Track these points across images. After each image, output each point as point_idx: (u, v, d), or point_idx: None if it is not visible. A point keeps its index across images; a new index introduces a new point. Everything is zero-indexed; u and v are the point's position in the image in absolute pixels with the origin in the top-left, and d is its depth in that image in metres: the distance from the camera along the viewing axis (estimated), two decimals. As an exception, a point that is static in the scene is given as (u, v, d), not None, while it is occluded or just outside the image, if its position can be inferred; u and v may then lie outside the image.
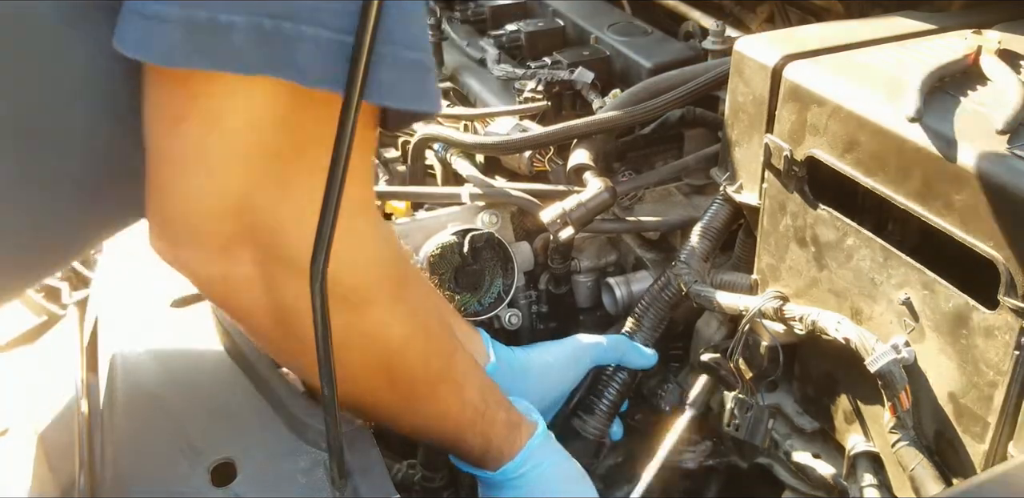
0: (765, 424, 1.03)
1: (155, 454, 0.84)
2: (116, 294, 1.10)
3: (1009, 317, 0.76)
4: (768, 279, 1.03)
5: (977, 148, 0.76)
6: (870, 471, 0.94)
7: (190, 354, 0.99)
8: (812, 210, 0.93)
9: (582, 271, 1.26)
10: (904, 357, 0.85)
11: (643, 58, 1.34)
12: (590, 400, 1.10)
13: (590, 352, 1.10)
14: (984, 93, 0.84)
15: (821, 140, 0.90)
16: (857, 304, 0.91)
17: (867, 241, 0.88)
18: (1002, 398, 0.79)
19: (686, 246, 1.09)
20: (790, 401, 1.05)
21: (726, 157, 1.05)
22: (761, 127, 0.97)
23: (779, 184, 0.97)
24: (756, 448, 1.06)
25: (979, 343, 0.79)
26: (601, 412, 1.10)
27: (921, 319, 0.84)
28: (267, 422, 0.85)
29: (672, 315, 1.13)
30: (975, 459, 0.83)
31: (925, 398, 0.87)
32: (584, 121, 1.18)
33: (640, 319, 1.12)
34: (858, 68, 0.91)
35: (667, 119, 1.27)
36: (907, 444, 0.86)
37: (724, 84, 1.04)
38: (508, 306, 1.21)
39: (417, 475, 1.08)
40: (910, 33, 0.99)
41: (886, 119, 0.82)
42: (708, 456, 1.15)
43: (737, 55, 0.99)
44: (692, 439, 1.15)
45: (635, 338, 1.12)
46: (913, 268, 0.83)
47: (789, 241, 0.98)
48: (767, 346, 0.99)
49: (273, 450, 0.82)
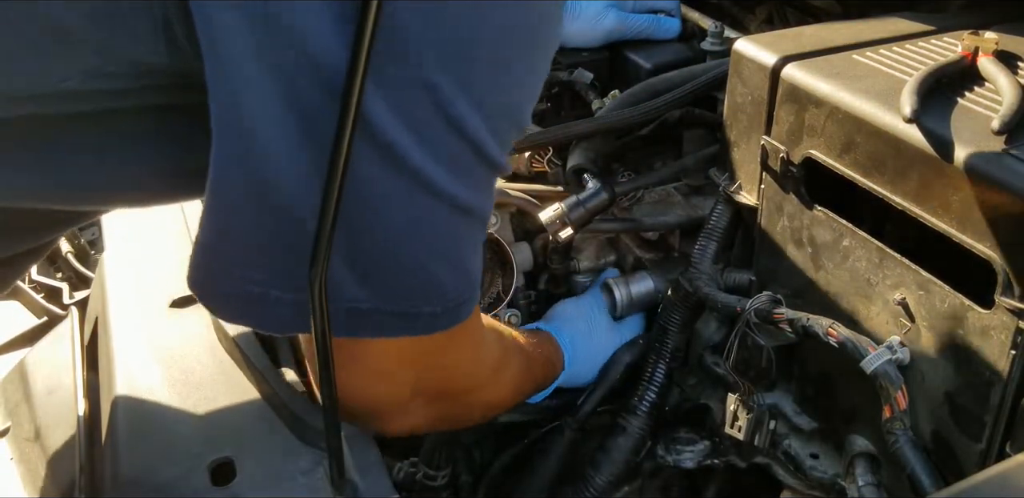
0: (766, 425, 1.03)
1: (155, 454, 0.84)
2: (116, 294, 1.10)
3: (1005, 317, 0.76)
4: (766, 280, 1.03)
5: (974, 149, 0.76)
6: (868, 471, 0.94)
7: (190, 354, 0.99)
8: (808, 211, 0.93)
9: (581, 271, 1.27)
10: (899, 357, 0.86)
11: (642, 59, 1.34)
12: (632, 402, 1.15)
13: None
14: (981, 94, 0.84)
15: (819, 141, 0.90)
16: (853, 305, 0.92)
17: (863, 242, 0.88)
18: (999, 398, 0.79)
19: (695, 249, 1.10)
20: (788, 401, 1.05)
21: (725, 158, 1.06)
22: (760, 128, 0.98)
23: (776, 185, 0.97)
24: (755, 448, 1.06)
25: (975, 343, 0.79)
26: (643, 412, 1.14)
27: (917, 319, 0.85)
28: (267, 422, 0.85)
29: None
30: (972, 459, 0.83)
31: (922, 398, 0.87)
32: (583, 122, 1.19)
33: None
34: (856, 69, 0.91)
35: (666, 120, 1.26)
36: (904, 444, 0.86)
37: (723, 85, 1.04)
38: (508, 306, 1.21)
39: (419, 473, 1.08)
40: (908, 34, 0.99)
41: (884, 120, 0.83)
42: (707, 456, 1.16)
43: (736, 56, 0.99)
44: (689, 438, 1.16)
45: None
46: (909, 268, 0.84)
47: (786, 242, 0.98)
48: (762, 347, 0.99)
49: (273, 450, 0.82)
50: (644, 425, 1.14)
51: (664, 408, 1.17)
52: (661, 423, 1.17)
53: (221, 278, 0.70)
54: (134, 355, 0.97)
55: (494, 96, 0.67)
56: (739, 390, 1.04)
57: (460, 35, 0.63)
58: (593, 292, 1.22)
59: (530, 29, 0.68)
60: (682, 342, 1.15)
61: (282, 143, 0.63)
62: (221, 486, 0.79)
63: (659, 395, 1.15)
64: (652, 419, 1.15)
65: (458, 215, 0.69)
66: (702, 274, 1.08)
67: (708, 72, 1.19)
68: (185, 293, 1.05)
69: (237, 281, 0.69)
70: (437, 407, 0.88)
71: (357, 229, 0.66)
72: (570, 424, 1.16)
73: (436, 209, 0.68)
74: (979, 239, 0.76)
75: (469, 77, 0.64)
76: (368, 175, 0.64)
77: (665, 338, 1.14)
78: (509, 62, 0.67)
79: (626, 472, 1.15)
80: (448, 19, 0.62)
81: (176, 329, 1.02)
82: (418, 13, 0.61)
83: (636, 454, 1.15)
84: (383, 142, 0.63)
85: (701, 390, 1.17)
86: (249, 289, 0.69)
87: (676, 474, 1.21)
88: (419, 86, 0.63)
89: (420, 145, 0.64)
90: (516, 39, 0.67)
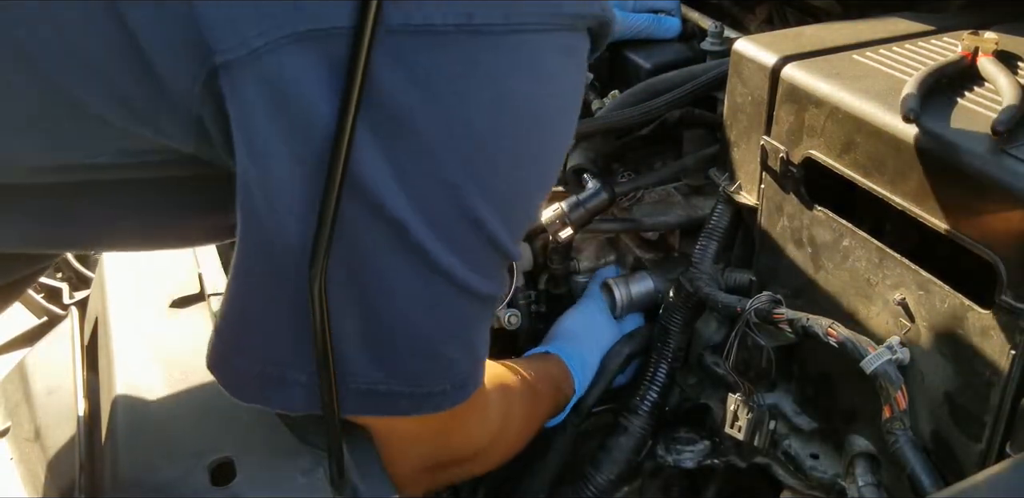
0: (766, 425, 1.03)
1: (155, 454, 0.84)
2: (116, 294, 1.10)
3: (1005, 317, 0.76)
4: (766, 280, 1.03)
5: (974, 149, 0.76)
6: (868, 471, 0.94)
7: (190, 354, 0.99)
8: (808, 211, 0.93)
9: (581, 271, 1.27)
10: (899, 358, 0.86)
11: (642, 59, 1.34)
12: (634, 402, 1.15)
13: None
14: (981, 94, 0.84)
15: (819, 141, 0.90)
16: (853, 305, 0.92)
17: (863, 242, 0.88)
18: (998, 398, 0.79)
19: (695, 249, 1.10)
20: (788, 401, 1.05)
21: (725, 158, 1.06)
22: (760, 128, 0.98)
23: (776, 185, 0.97)
24: (755, 448, 1.06)
25: (975, 343, 0.79)
26: (644, 412, 1.15)
27: (917, 319, 0.85)
28: (267, 422, 0.85)
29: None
30: (972, 459, 0.83)
31: (922, 398, 0.87)
32: (583, 122, 1.18)
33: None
34: (856, 69, 0.91)
35: (666, 120, 1.26)
36: (904, 444, 0.86)
37: (723, 85, 1.04)
38: (508, 306, 1.21)
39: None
40: (908, 34, 0.99)
41: (884, 120, 0.83)
42: (707, 456, 1.16)
43: (736, 56, 0.99)
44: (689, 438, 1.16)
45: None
46: (908, 269, 0.84)
47: (786, 242, 0.98)
48: (762, 347, 0.99)
49: (273, 450, 0.82)
50: (645, 424, 1.15)
51: (665, 408, 1.17)
52: (662, 423, 1.17)
53: (241, 359, 0.72)
54: (134, 355, 0.97)
55: (512, 191, 0.68)
56: (739, 390, 1.04)
57: (481, 138, 0.64)
58: (594, 299, 1.22)
59: (549, 124, 0.68)
60: (683, 342, 1.15)
61: (307, 237, 0.64)
62: (221, 486, 0.79)
63: (660, 395, 1.15)
64: (653, 418, 1.15)
65: (472, 300, 0.71)
66: (703, 274, 1.08)
67: (708, 72, 1.19)
68: (185, 293, 1.05)
69: (257, 362, 0.71)
70: (444, 474, 0.90)
71: (375, 313, 0.68)
72: (572, 420, 1.16)
73: (452, 296, 0.69)
74: (979, 239, 0.76)
75: (490, 177, 0.65)
76: (389, 265, 0.66)
77: (667, 338, 1.14)
78: (528, 158, 0.68)
79: (627, 471, 1.15)
80: (468, 123, 0.62)
81: (176, 329, 1.02)
82: (439, 118, 0.62)
83: (637, 453, 1.15)
84: (410, 243, 0.65)
85: (701, 390, 1.17)
86: (268, 370, 0.71)
87: (676, 474, 1.22)
88: (441, 185, 0.64)
89: (441, 240, 0.65)
90: (535, 137, 0.68)
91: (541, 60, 0.62)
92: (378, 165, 0.62)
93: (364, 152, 0.61)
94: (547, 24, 0.61)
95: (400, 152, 0.62)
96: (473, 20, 0.58)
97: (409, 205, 0.63)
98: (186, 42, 0.59)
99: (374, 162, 0.61)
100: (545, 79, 0.64)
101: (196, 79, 0.60)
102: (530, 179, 0.69)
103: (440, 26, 0.57)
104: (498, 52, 0.60)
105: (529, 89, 0.63)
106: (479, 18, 0.58)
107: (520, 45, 0.60)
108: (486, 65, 0.60)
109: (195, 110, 0.63)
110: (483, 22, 0.58)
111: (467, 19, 0.58)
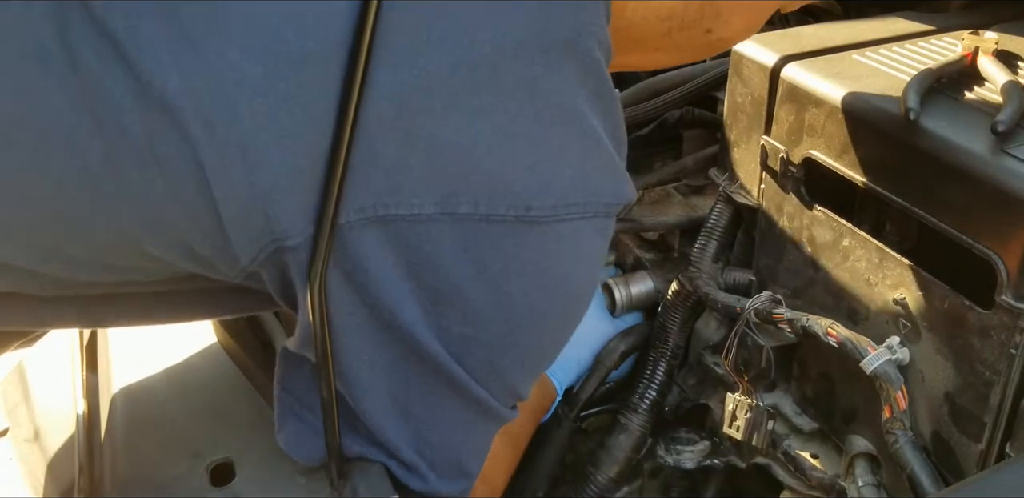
0: (765, 425, 1.03)
1: (154, 454, 0.84)
2: (116, 294, 1.10)
3: (1005, 317, 0.76)
4: (766, 279, 1.03)
5: (974, 149, 0.76)
6: (868, 471, 0.94)
7: (190, 354, 0.99)
8: (808, 211, 0.93)
9: (581, 271, 1.26)
10: (899, 358, 0.86)
11: (642, 59, 1.34)
12: (633, 400, 1.16)
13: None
14: (981, 94, 0.84)
15: (819, 141, 0.90)
16: (853, 305, 0.92)
17: (862, 242, 0.88)
18: (998, 398, 0.79)
19: (695, 248, 1.10)
20: (788, 401, 1.05)
21: (725, 158, 1.06)
22: (760, 128, 0.98)
23: (776, 185, 0.97)
24: (754, 448, 1.06)
25: (975, 343, 0.79)
26: (644, 410, 1.15)
27: (917, 319, 0.85)
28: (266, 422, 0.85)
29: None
30: (972, 459, 0.83)
31: (922, 398, 0.87)
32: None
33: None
34: (856, 69, 0.91)
35: (666, 120, 1.27)
36: (904, 444, 0.86)
37: (723, 85, 1.04)
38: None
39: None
40: (908, 34, 0.99)
41: (883, 120, 0.83)
42: (707, 456, 1.16)
43: (735, 56, 0.99)
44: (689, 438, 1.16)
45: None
46: (908, 269, 0.84)
47: (786, 242, 0.98)
48: (762, 347, 0.99)
49: (272, 450, 0.82)
50: (645, 422, 1.15)
51: (664, 406, 1.17)
52: (662, 421, 1.17)
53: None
54: (134, 355, 0.97)
55: (539, 351, 0.75)
56: (738, 390, 1.04)
57: (521, 311, 0.69)
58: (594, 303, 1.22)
59: (577, 296, 0.73)
60: (682, 341, 1.15)
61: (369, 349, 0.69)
62: (220, 486, 0.79)
63: (659, 393, 1.15)
64: (652, 416, 1.15)
65: (490, 417, 0.76)
66: (702, 273, 1.08)
67: (708, 72, 1.19)
68: (185, 293, 1.05)
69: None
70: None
71: (426, 425, 0.75)
72: (567, 414, 1.17)
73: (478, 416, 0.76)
74: (979, 239, 0.76)
75: (523, 340, 0.72)
76: (433, 388, 0.72)
77: (666, 337, 1.14)
78: (556, 325, 0.74)
79: (627, 469, 1.15)
80: (510, 296, 0.68)
81: (176, 329, 1.02)
82: (487, 290, 0.67)
83: (637, 451, 1.16)
84: (446, 373, 0.70)
85: (701, 390, 1.17)
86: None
87: (676, 474, 1.22)
88: (476, 343, 0.70)
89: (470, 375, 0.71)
90: (566, 308, 0.73)
91: (580, 243, 0.69)
92: (430, 321, 0.67)
93: (412, 308, 0.66)
94: (588, 213, 0.67)
95: (451, 319, 0.68)
96: (531, 212, 0.64)
97: (447, 353, 0.70)
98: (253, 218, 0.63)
99: (426, 318, 0.67)
100: (582, 259, 0.71)
101: (263, 251, 0.64)
102: (558, 341, 0.76)
103: (502, 216, 0.64)
104: (546, 238, 0.67)
105: (567, 268, 0.70)
106: (536, 211, 0.64)
107: (565, 232, 0.67)
108: (533, 248, 0.67)
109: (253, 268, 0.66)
110: (539, 214, 0.64)
111: (525, 211, 0.64)
